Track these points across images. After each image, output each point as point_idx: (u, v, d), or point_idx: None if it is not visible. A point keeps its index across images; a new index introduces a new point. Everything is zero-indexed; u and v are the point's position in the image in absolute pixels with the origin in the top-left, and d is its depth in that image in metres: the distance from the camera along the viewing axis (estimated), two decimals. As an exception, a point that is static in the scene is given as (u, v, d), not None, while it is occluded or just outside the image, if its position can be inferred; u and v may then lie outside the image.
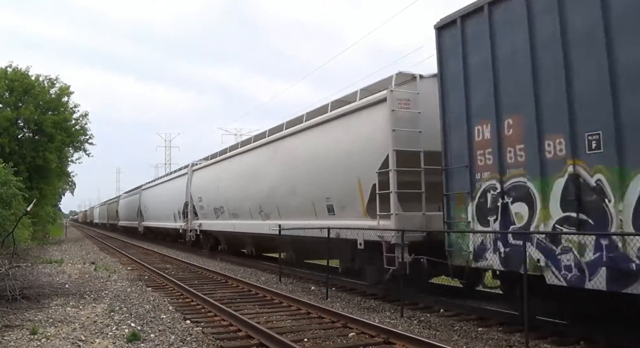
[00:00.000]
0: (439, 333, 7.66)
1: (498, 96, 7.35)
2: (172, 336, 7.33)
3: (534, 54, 6.81)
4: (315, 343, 7.05)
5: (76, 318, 8.61)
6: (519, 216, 7.06)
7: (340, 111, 11.82)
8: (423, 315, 8.92)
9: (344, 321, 8.12)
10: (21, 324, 8.07)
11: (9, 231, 12.37)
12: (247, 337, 7.37)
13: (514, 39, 7.13)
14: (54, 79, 29.99)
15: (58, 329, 7.76)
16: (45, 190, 29.81)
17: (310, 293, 11.72)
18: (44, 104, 28.84)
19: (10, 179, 15.11)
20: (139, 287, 12.35)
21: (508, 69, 7.23)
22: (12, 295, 9.45)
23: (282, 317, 8.87)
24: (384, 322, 8.37)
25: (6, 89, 27.85)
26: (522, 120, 7.01)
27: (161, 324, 8.12)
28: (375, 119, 10.39)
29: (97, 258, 21.31)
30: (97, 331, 7.66)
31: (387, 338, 7.02)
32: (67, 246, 29.65)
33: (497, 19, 7.42)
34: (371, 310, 9.58)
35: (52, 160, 27.94)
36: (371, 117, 10.56)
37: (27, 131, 29.02)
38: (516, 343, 6.97)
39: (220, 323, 8.36)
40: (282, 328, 7.82)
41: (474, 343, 7.06)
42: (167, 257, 21.45)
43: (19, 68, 28.77)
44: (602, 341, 6.73)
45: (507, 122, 7.23)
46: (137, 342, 7.01)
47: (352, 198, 11.20)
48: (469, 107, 7.86)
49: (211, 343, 7.04)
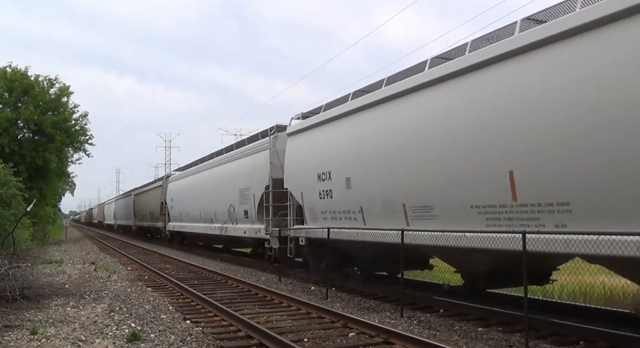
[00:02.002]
0: (439, 333, 7.66)
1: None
2: (172, 336, 7.33)
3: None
4: (315, 343, 7.05)
5: (76, 318, 8.61)
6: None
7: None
8: (423, 315, 8.92)
9: (344, 321, 8.12)
10: (21, 324, 8.07)
11: (9, 231, 12.36)
12: (247, 337, 7.37)
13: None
14: (54, 79, 30.02)
15: (58, 329, 7.76)
16: (45, 190, 29.83)
17: (310, 293, 11.73)
18: (43, 104, 28.84)
19: (10, 179, 15.11)
20: (139, 287, 12.35)
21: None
22: (12, 295, 9.45)
23: (282, 317, 8.87)
24: (384, 322, 8.37)
25: (6, 89, 27.85)
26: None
27: (161, 324, 8.12)
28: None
29: (97, 258, 21.31)
30: (97, 331, 7.66)
31: (387, 338, 7.02)
32: (67, 246, 29.66)
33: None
34: (371, 310, 9.58)
35: (52, 161, 27.94)
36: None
37: (26, 131, 29.03)
38: (516, 343, 6.97)
39: (220, 323, 8.36)
40: (282, 328, 7.82)
41: (474, 343, 7.06)
42: (167, 257, 21.45)
43: (19, 68, 28.82)
44: (602, 341, 6.74)
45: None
46: (137, 342, 7.00)
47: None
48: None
49: (211, 343, 7.04)
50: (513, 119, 7.25)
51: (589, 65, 6.34)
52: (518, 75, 7.29)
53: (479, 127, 7.82)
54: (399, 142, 9.61)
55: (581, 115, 6.35)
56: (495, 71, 7.65)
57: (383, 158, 10.04)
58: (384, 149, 10.02)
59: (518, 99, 7.20)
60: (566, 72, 6.60)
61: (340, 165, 11.47)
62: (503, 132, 7.39)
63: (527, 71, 7.14)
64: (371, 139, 10.46)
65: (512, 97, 7.32)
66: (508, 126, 7.32)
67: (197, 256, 22.45)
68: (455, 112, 8.30)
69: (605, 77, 6.14)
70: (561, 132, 6.59)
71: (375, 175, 10.30)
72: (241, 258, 19.93)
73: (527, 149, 7.01)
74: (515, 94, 7.27)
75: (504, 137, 7.38)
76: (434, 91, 8.88)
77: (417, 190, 9.19)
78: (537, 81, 6.98)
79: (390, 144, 9.87)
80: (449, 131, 8.39)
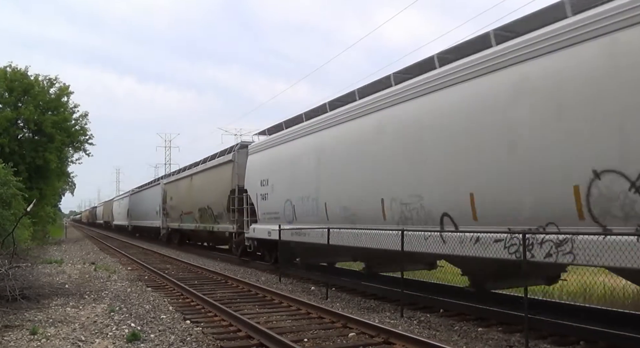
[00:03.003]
0: (439, 333, 7.66)
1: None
2: (172, 336, 7.33)
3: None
4: (315, 344, 7.05)
5: (76, 318, 8.61)
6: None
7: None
8: (423, 315, 8.92)
9: (344, 321, 8.12)
10: (21, 324, 8.07)
11: (9, 231, 12.35)
12: (247, 337, 7.37)
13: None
14: (53, 79, 29.98)
15: (58, 329, 7.76)
16: (45, 190, 29.80)
17: (310, 293, 11.73)
18: (43, 104, 28.81)
19: (10, 179, 15.10)
20: (139, 287, 12.35)
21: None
22: (12, 295, 9.45)
23: (282, 317, 8.87)
24: (384, 322, 8.37)
25: (6, 89, 27.84)
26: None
27: (161, 324, 8.12)
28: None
29: (97, 258, 21.32)
30: (97, 331, 7.66)
31: (387, 339, 7.02)
32: (67, 246, 29.66)
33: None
34: (371, 310, 9.58)
35: (52, 161, 27.91)
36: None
37: (27, 131, 29.00)
38: (516, 343, 6.97)
39: (220, 323, 8.36)
40: (282, 329, 7.82)
41: (474, 343, 7.06)
42: (167, 257, 21.45)
43: (19, 68, 28.80)
44: (602, 341, 6.74)
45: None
46: (137, 342, 7.00)
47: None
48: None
49: (211, 343, 7.04)
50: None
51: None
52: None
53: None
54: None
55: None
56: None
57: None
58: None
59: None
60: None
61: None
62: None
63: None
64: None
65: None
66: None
67: (197, 256, 22.46)
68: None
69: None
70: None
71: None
72: (241, 259, 19.90)
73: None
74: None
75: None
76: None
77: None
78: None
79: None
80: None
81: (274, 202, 15.06)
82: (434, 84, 8.84)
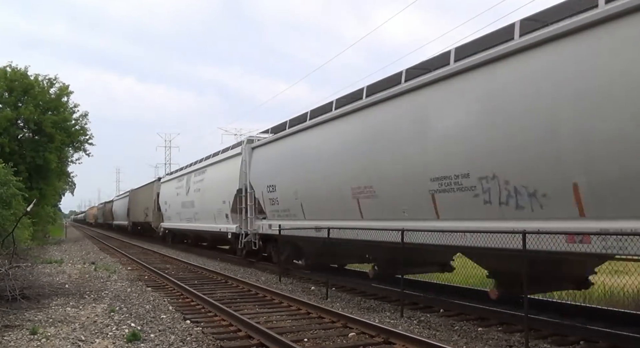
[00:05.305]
0: (439, 333, 7.66)
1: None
2: (172, 336, 7.33)
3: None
4: (315, 343, 7.06)
5: (76, 318, 8.61)
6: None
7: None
8: (423, 315, 8.92)
9: (344, 321, 8.12)
10: (21, 324, 8.07)
11: (9, 231, 12.35)
12: (247, 337, 7.37)
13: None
14: (53, 79, 29.99)
15: (58, 329, 7.76)
16: (45, 190, 29.78)
17: (310, 293, 11.73)
18: (43, 103, 28.82)
19: (10, 179, 15.10)
20: (139, 287, 12.35)
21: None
22: (12, 295, 9.45)
23: (282, 317, 8.88)
24: (384, 322, 8.37)
25: (6, 89, 27.84)
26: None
27: (161, 324, 8.12)
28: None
29: (97, 258, 21.31)
30: (97, 331, 7.66)
31: (387, 338, 7.02)
32: (67, 246, 29.66)
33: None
34: (371, 310, 9.58)
35: (52, 160, 27.92)
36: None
37: (27, 131, 29.01)
38: (516, 343, 6.97)
39: (220, 323, 8.36)
40: (282, 328, 7.82)
41: (474, 343, 7.06)
42: (167, 257, 21.45)
43: (19, 68, 28.80)
44: (602, 341, 6.74)
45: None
46: (137, 342, 7.01)
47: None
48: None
49: (211, 343, 7.04)
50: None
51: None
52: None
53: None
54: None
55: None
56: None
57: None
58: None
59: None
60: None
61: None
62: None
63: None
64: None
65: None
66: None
67: (197, 256, 22.46)
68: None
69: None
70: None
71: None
72: (241, 259, 19.90)
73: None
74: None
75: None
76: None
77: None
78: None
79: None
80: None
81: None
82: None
